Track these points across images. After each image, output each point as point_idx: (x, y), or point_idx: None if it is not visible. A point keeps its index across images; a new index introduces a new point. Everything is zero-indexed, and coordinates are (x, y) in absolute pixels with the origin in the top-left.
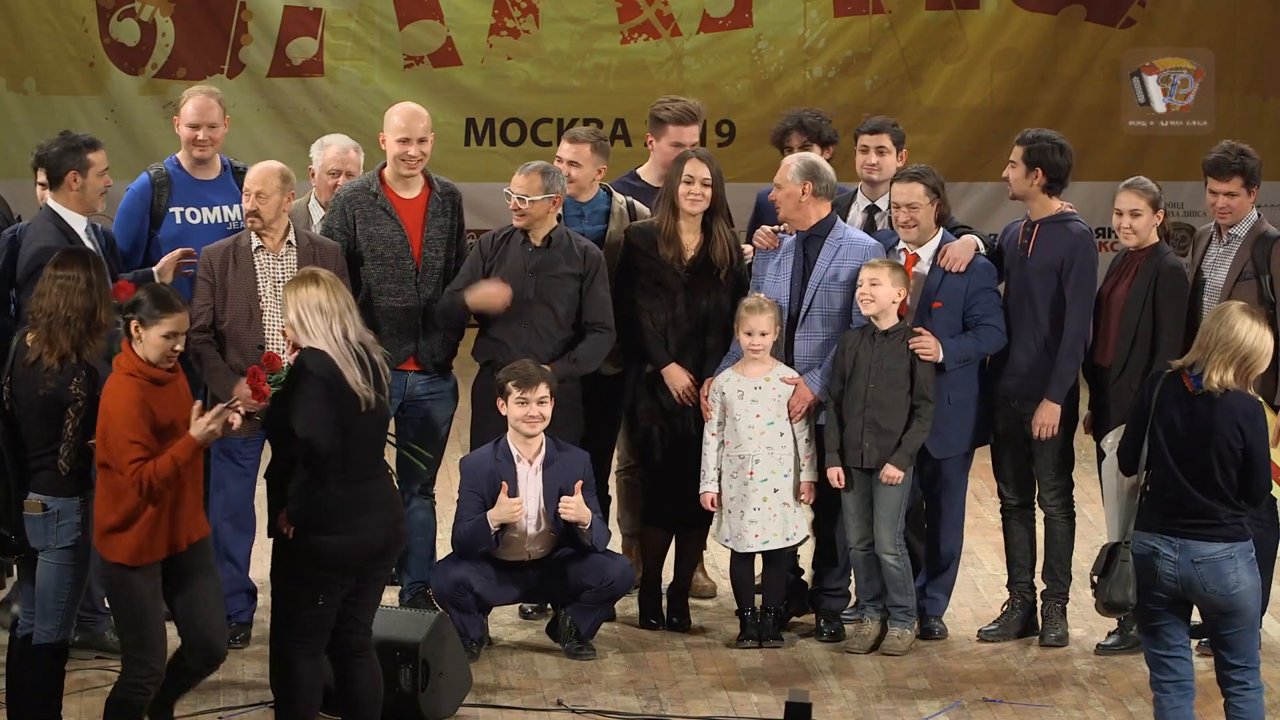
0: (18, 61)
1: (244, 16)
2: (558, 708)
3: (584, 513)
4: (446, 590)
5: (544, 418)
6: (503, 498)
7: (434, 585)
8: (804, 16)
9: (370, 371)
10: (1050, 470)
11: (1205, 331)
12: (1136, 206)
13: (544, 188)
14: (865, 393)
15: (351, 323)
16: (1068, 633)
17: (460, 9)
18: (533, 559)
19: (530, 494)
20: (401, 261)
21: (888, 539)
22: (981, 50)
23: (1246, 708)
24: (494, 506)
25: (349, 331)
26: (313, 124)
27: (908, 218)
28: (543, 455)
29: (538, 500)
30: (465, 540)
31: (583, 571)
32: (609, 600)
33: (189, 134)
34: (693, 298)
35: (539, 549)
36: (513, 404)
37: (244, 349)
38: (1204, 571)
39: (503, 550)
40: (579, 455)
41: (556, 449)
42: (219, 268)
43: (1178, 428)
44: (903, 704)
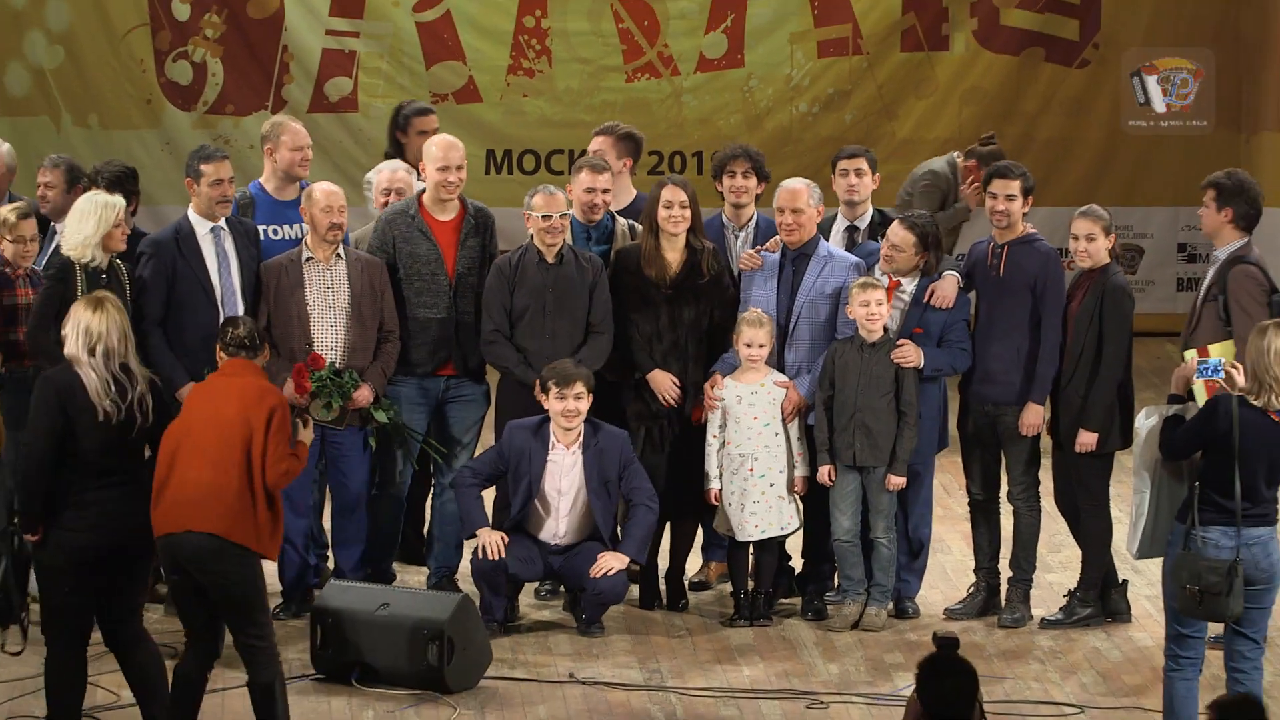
0: (82, 99)
1: (286, 58)
2: (569, 680)
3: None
4: (486, 570)
5: (580, 412)
6: (496, 540)
7: (474, 565)
8: (791, 58)
9: (122, 390)
10: (1019, 467)
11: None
12: (1091, 231)
13: (564, 203)
14: (854, 399)
15: (115, 346)
16: (1028, 614)
17: (481, 51)
18: (561, 541)
19: (565, 476)
20: (436, 278)
21: (881, 527)
22: (951, 88)
23: (1248, 683)
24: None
25: (110, 353)
26: (348, 155)
27: (891, 254)
28: (580, 440)
29: (575, 482)
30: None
31: (587, 572)
32: (599, 606)
33: (295, 156)
34: (675, 310)
35: (568, 534)
36: (552, 399)
37: (294, 350)
38: (1256, 552)
39: (532, 525)
40: (616, 434)
41: (594, 431)
42: (275, 278)
43: (1260, 446)
44: (880, 677)
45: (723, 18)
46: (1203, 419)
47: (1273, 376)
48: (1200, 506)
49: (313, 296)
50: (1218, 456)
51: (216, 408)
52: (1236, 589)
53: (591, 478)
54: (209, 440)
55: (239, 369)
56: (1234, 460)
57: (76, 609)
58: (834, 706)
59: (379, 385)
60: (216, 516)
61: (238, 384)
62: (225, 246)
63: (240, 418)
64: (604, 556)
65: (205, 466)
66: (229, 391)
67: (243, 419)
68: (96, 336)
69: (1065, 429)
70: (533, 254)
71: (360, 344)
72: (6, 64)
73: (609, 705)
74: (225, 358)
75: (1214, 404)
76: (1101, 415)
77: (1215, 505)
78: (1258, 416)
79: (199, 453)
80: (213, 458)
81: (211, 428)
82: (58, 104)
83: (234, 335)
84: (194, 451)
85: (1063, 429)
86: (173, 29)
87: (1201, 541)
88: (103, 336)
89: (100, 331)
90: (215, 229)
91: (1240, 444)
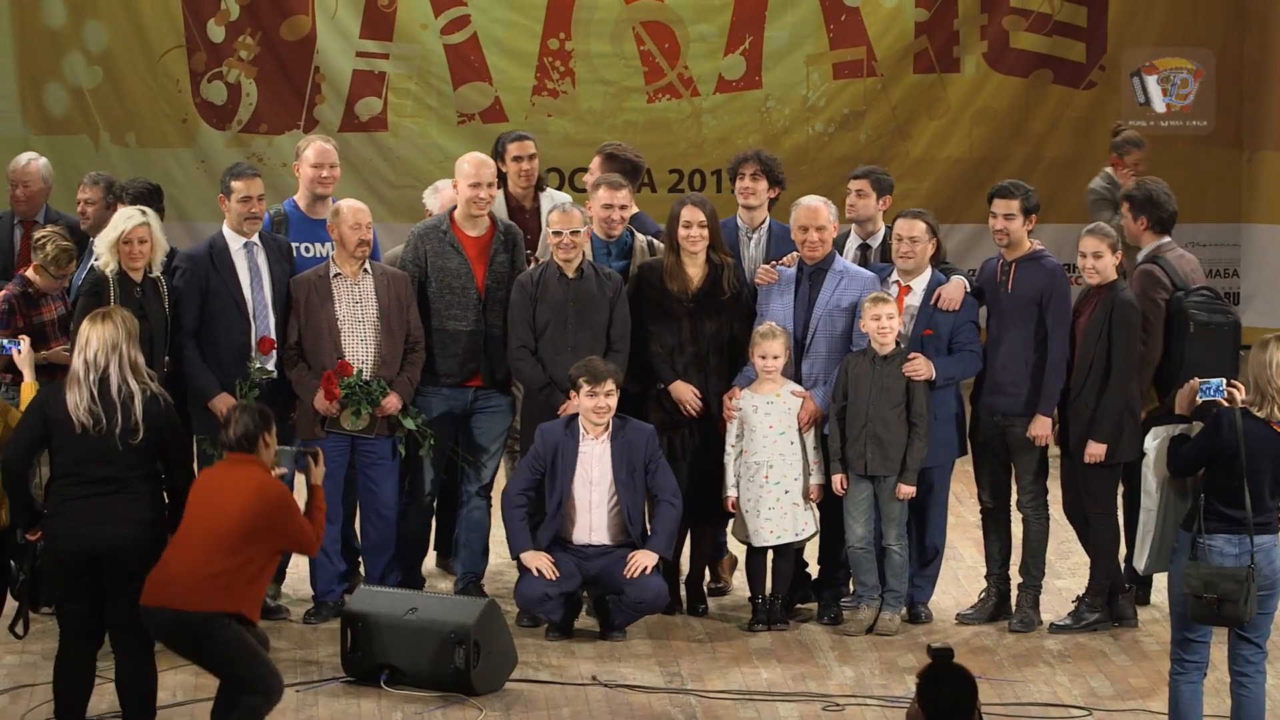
0: (120, 118)
1: (317, 79)
2: (591, 683)
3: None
4: (533, 604)
5: (610, 408)
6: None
7: (519, 601)
8: (807, 79)
9: (109, 403)
10: (1028, 476)
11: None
12: (1099, 249)
13: (581, 220)
14: (867, 410)
15: (94, 359)
16: (1037, 619)
17: (506, 72)
18: (595, 546)
19: (596, 465)
20: (466, 291)
21: (893, 534)
22: (962, 109)
23: (1252, 686)
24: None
25: (108, 366)
26: (378, 174)
27: (909, 249)
28: (609, 431)
29: (605, 471)
30: (507, 525)
31: (627, 579)
32: (639, 613)
33: (313, 174)
34: (697, 324)
35: (600, 529)
36: (583, 396)
37: (325, 361)
38: (1260, 559)
39: (567, 526)
40: (644, 428)
41: (622, 424)
42: (305, 293)
43: (1264, 457)
44: (894, 680)
45: (741, 40)
46: (1208, 434)
47: (1275, 388)
48: (1205, 516)
49: (342, 311)
50: (1223, 468)
51: (212, 498)
52: (1252, 594)
53: (620, 467)
54: (199, 527)
55: (240, 459)
56: (1241, 472)
57: (72, 613)
58: (849, 709)
59: (407, 394)
60: (184, 593)
61: (234, 475)
62: (258, 261)
63: (236, 511)
64: (635, 555)
65: (188, 549)
66: (225, 483)
67: (239, 513)
68: (82, 348)
69: (1074, 440)
70: (553, 269)
71: (389, 356)
72: (46, 84)
73: (631, 707)
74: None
75: (1218, 418)
76: (1110, 427)
77: (1220, 515)
78: (1261, 428)
79: (186, 537)
80: (196, 543)
81: (204, 517)
82: (96, 123)
83: (225, 438)
84: (183, 536)
85: (1072, 440)
86: (208, 50)
87: (1206, 549)
88: (82, 349)
89: (82, 344)
90: (248, 244)
91: (1245, 455)
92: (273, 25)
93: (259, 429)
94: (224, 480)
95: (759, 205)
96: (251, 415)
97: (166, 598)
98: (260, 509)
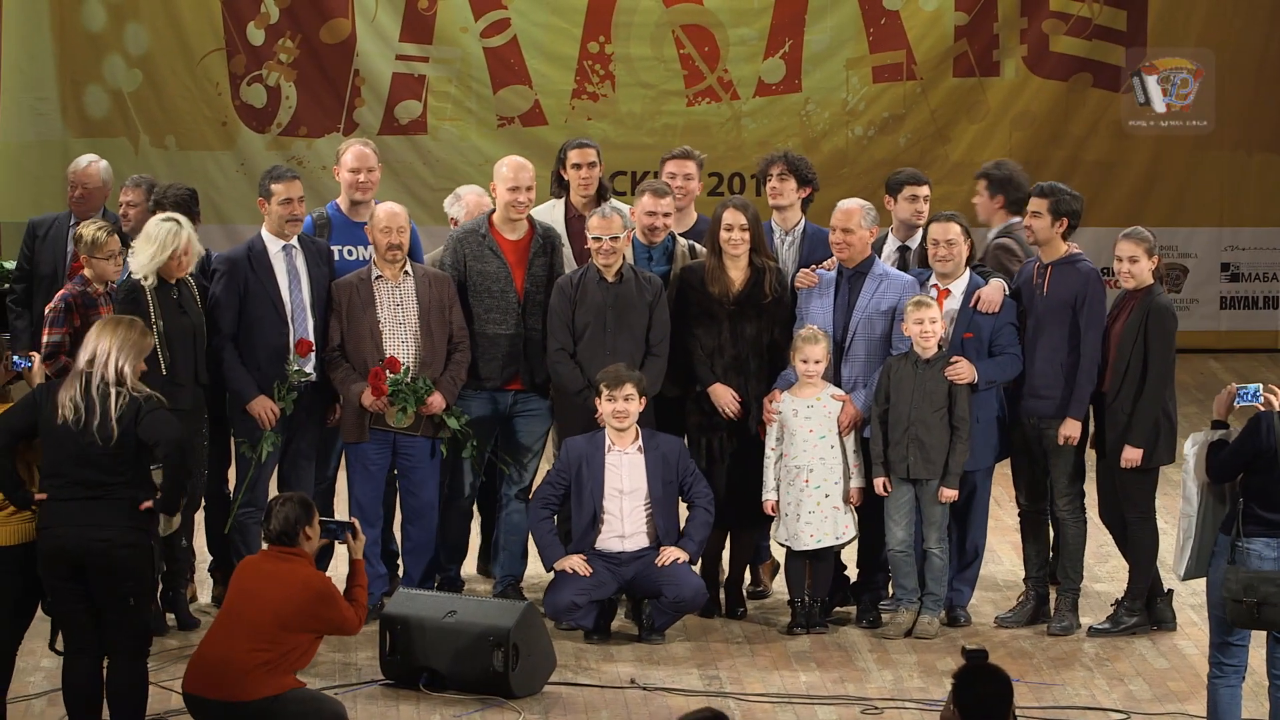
0: (160, 121)
1: (357, 82)
2: (630, 686)
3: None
4: (561, 614)
5: (630, 413)
6: (579, 562)
7: (548, 610)
8: (846, 83)
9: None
10: (1064, 479)
11: None
12: (1134, 253)
13: (622, 225)
14: (909, 413)
15: (113, 362)
16: (1075, 622)
17: (546, 75)
18: (627, 547)
19: (627, 476)
20: (505, 295)
21: (934, 538)
22: (1001, 112)
23: None
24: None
25: (106, 366)
26: (418, 176)
27: (946, 253)
28: (638, 443)
29: (638, 481)
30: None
31: (665, 578)
32: (678, 612)
33: (351, 178)
34: (737, 326)
35: (633, 536)
36: (604, 401)
37: (367, 362)
38: None
39: (598, 535)
40: (674, 441)
41: (652, 436)
42: (347, 296)
43: None
44: (932, 683)
45: (781, 44)
46: (1246, 438)
47: None
48: (1244, 520)
49: (384, 314)
50: (1262, 472)
51: (255, 589)
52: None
53: (655, 479)
54: (240, 618)
55: (283, 554)
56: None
57: (63, 616)
58: (888, 712)
59: (451, 394)
60: (228, 684)
61: (277, 569)
62: (296, 264)
63: (279, 604)
64: (667, 550)
65: (229, 639)
66: (267, 574)
67: (281, 606)
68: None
69: (1111, 444)
70: (593, 273)
71: (431, 357)
72: (87, 87)
73: (669, 710)
74: None
75: (1256, 422)
76: (1146, 431)
77: (1258, 519)
78: None
79: (227, 627)
80: (239, 633)
81: (246, 608)
82: (136, 126)
83: (268, 531)
84: (223, 624)
85: (1108, 444)
86: (248, 53)
87: (1245, 553)
88: (84, 348)
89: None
90: (287, 247)
91: None
92: (312, 28)
93: (299, 523)
94: (267, 571)
95: (789, 205)
96: (292, 508)
97: (213, 689)
98: (303, 604)
